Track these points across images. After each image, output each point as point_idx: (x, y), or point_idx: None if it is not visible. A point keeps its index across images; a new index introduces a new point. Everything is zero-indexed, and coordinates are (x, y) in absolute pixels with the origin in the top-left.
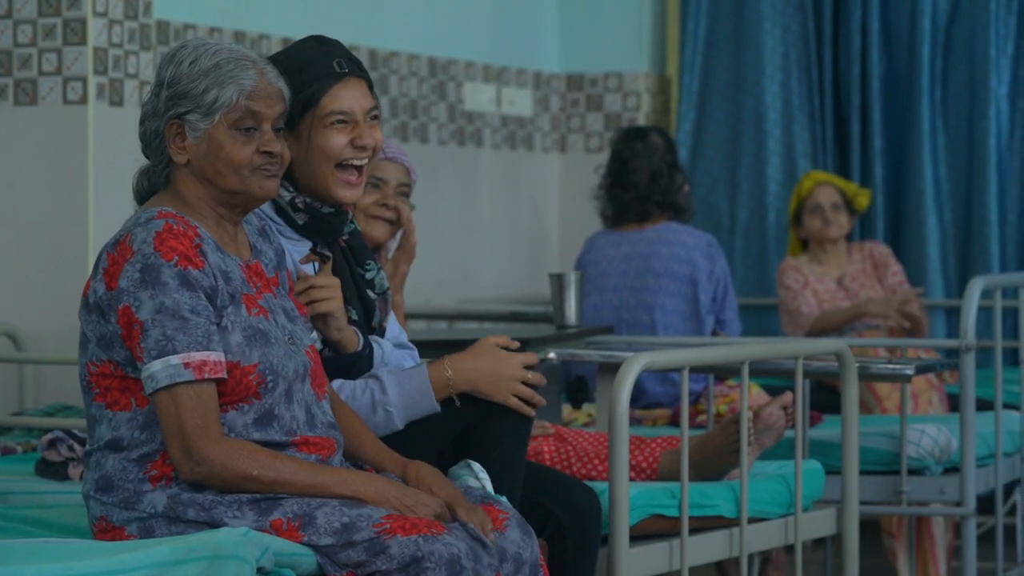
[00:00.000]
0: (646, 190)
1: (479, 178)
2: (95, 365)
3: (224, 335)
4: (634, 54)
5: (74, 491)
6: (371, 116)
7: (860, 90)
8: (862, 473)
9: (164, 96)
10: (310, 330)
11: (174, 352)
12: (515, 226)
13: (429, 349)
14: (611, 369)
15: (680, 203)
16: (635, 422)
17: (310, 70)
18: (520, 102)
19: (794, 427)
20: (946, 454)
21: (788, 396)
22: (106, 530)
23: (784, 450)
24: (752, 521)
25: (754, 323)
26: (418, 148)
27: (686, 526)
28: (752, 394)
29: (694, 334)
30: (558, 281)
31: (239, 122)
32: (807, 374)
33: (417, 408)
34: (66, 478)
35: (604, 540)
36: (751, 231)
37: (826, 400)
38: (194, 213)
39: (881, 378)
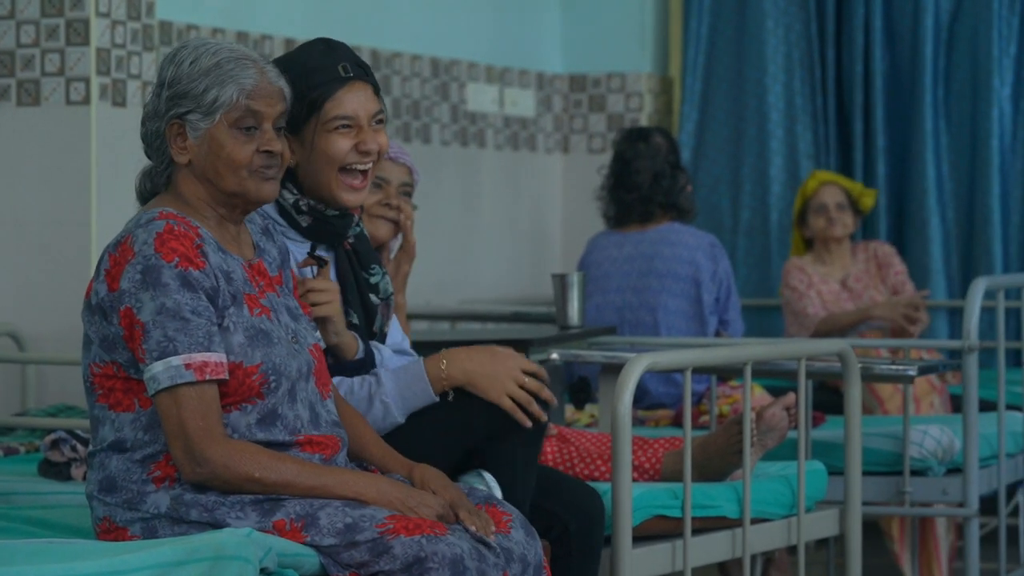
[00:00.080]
0: (649, 191)
1: (482, 179)
2: (98, 366)
3: (226, 336)
4: (636, 55)
5: (77, 492)
6: (376, 120)
7: (863, 89)
8: (865, 474)
9: (165, 96)
10: (314, 328)
11: (175, 353)
12: (517, 227)
13: (430, 349)
14: (614, 370)
15: (683, 204)
16: (638, 423)
17: (315, 74)
18: (523, 103)
19: (797, 428)
20: (949, 455)
21: (791, 397)
22: (109, 530)
23: (787, 451)
24: (755, 522)
25: (756, 324)
26: (421, 149)
27: (689, 527)
28: (755, 395)
29: (697, 335)
30: (561, 282)
31: (239, 121)
32: (810, 375)
33: (414, 398)
34: (69, 478)
35: (607, 541)
36: (754, 231)
37: (829, 401)
38: (195, 213)
39: (884, 379)
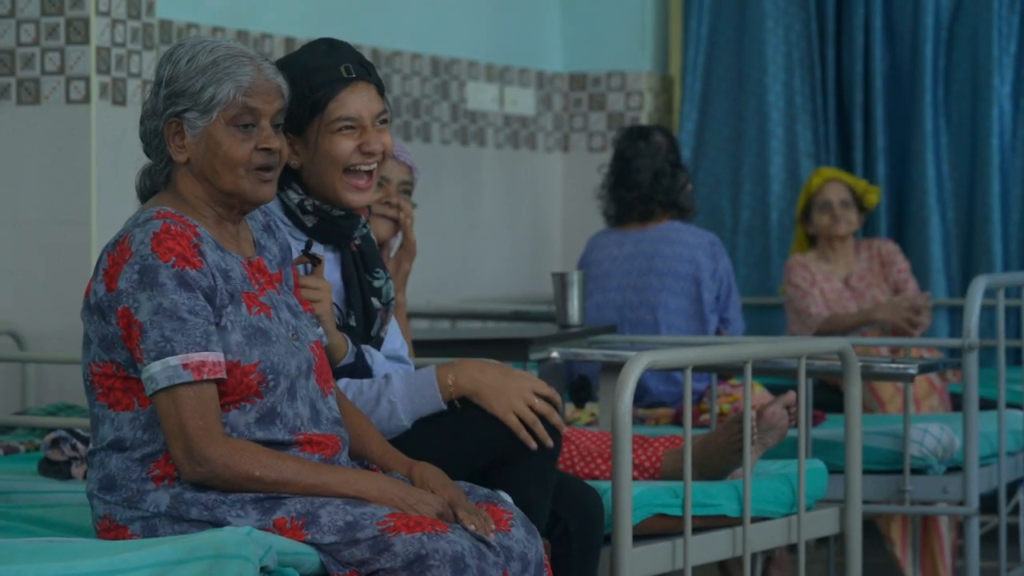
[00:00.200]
0: (649, 189)
1: (482, 177)
2: (98, 365)
3: (224, 335)
4: (637, 53)
5: (77, 490)
6: (380, 121)
7: (863, 89)
8: (865, 472)
9: (162, 95)
10: (316, 325)
11: (173, 353)
12: (518, 225)
13: (431, 348)
14: (614, 368)
15: (683, 202)
16: (638, 421)
17: (318, 75)
18: (523, 101)
19: (797, 426)
20: (949, 453)
21: (791, 395)
22: (109, 529)
23: (787, 449)
24: (755, 520)
25: (756, 322)
26: (421, 147)
27: (689, 525)
28: (755, 393)
29: (697, 333)
30: (561, 280)
31: (237, 119)
32: (810, 373)
33: (422, 402)
34: (69, 477)
35: (607, 539)
36: (754, 231)
37: (829, 399)
38: (194, 212)
39: (884, 377)
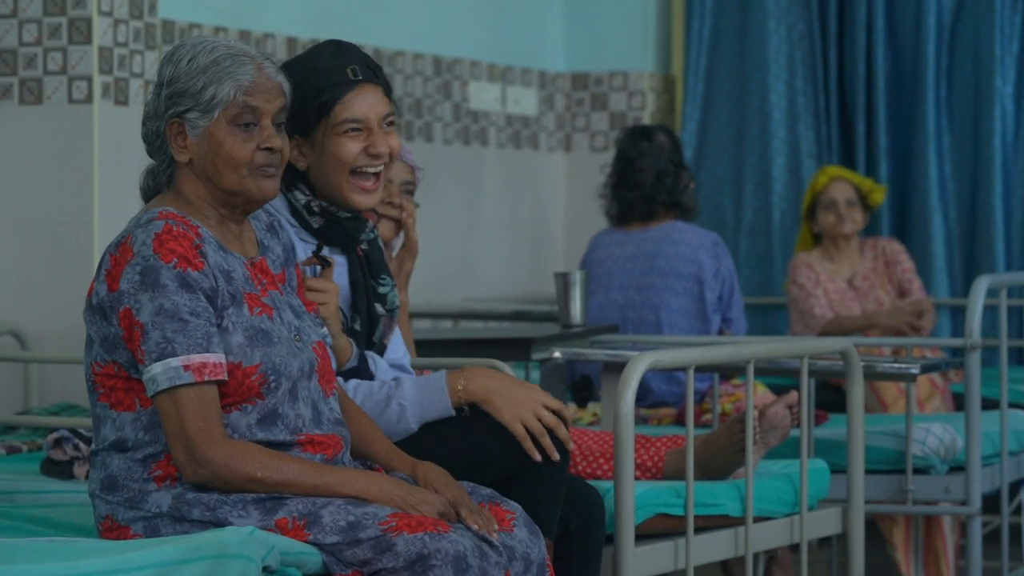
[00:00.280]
0: (651, 189)
1: (484, 177)
2: (99, 366)
3: (225, 336)
4: (639, 53)
5: (79, 490)
6: (386, 123)
7: (865, 89)
8: (867, 472)
9: (164, 95)
10: (320, 325)
11: (174, 354)
12: (520, 225)
13: (433, 348)
14: (616, 368)
15: (685, 202)
16: (640, 421)
17: (324, 77)
18: (525, 101)
19: (799, 426)
20: (951, 453)
21: (793, 395)
22: (112, 529)
23: (789, 449)
24: (757, 520)
25: (759, 322)
26: (423, 147)
27: (691, 525)
28: (757, 393)
29: (700, 333)
30: (563, 280)
31: (238, 118)
32: (812, 373)
33: (431, 406)
34: (71, 477)
35: (609, 539)
36: (756, 231)
37: (831, 399)
38: (196, 212)
39: (886, 377)
